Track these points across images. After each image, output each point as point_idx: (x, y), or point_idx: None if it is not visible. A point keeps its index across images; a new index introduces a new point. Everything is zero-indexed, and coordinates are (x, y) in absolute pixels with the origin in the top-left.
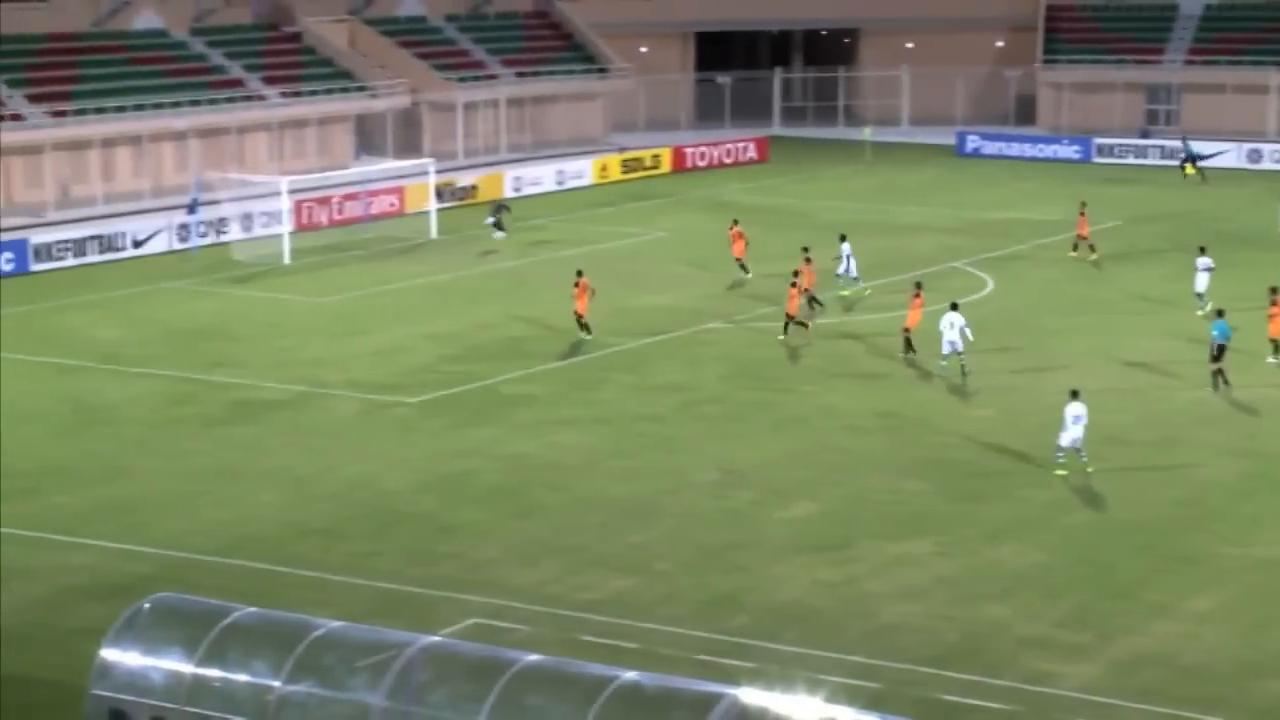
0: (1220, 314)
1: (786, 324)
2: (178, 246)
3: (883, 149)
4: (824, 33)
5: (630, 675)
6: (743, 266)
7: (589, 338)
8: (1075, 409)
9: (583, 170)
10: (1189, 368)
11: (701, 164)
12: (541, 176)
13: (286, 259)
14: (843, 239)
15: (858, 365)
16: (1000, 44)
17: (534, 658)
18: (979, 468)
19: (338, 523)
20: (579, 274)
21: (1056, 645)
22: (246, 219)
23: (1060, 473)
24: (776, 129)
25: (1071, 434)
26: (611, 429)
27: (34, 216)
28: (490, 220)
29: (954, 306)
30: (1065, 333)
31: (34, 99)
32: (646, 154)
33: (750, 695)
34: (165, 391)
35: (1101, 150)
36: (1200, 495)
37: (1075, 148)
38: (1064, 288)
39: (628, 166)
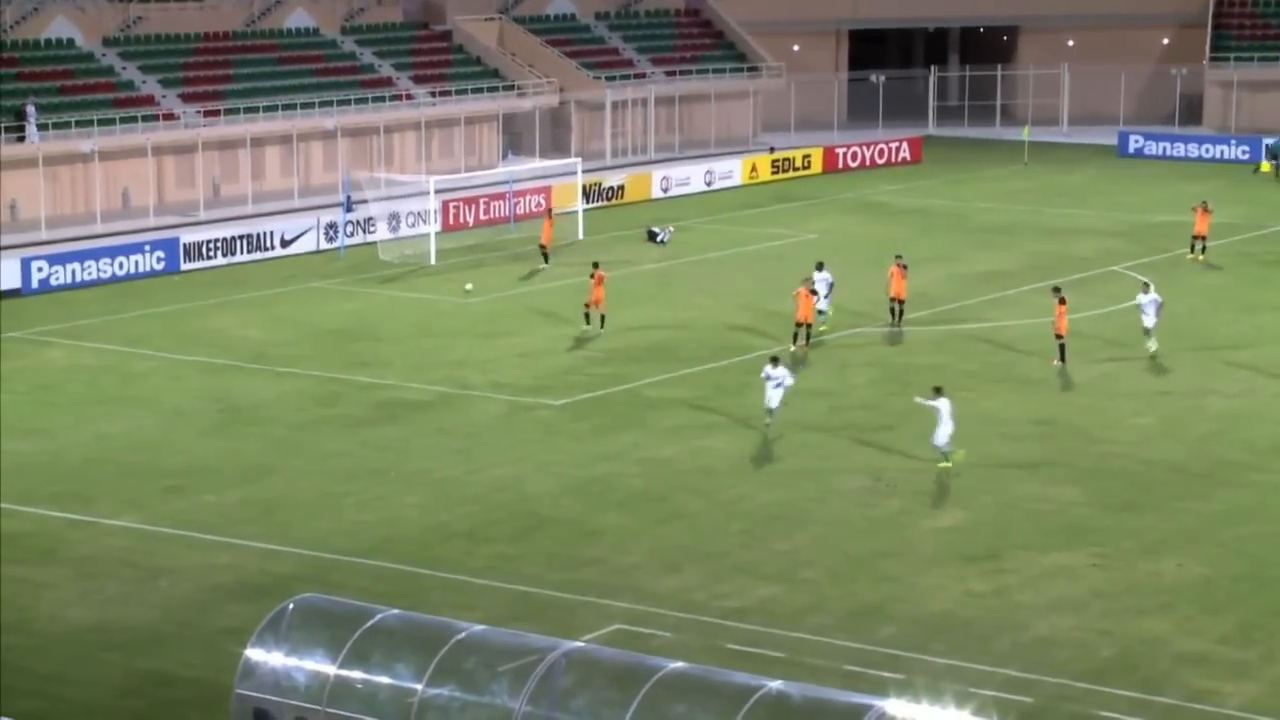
0: None
1: (796, 333)
2: (325, 246)
3: (1040, 149)
4: (981, 30)
5: (775, 684)
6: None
7: (600, 330)
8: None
9: (732, 170)
10: None
11: (853, 164)
12: (690, 176)
13: (433, 259)
14: (819, 267)
15: (1013, 370)
16: (1166, 41)
17: (677, 665)
18: (1138, 477)
19: (480, 525)
20: (595, 265)
21: (1218, 662)
22: (393, 218)
23: (944, 465)
24: (931, 129)
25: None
26: (757, 434)
27: (185, 216)
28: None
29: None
30: (1231, 338)
31: (187, 98)
32: (797, 154)
33: (898, 707)
34: (311, 391)
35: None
36: None
37: (1244, 148)
38: (1230, 292)
39: (777, 167)
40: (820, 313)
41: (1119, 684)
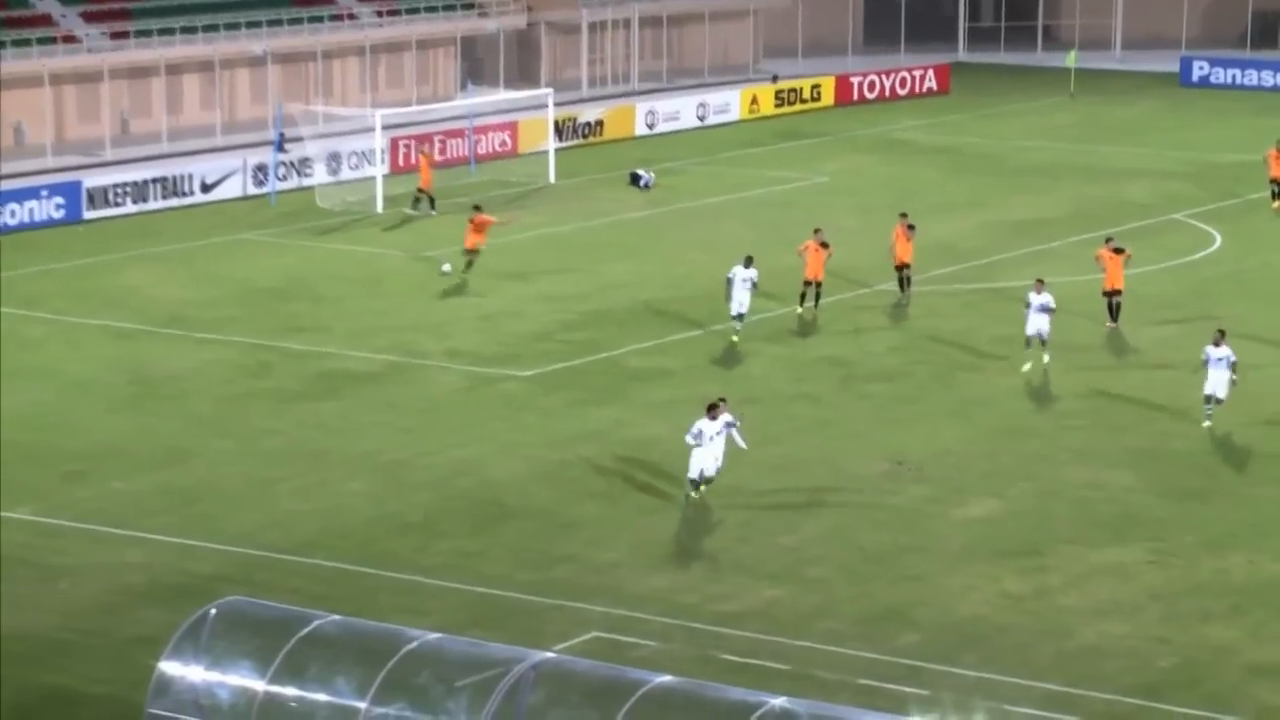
0: None
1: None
2: (253, 191)
3: (1089, 78)
4: None
5: (779, 702)
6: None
7: (464, 274)
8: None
9: (729, 103)
10: None
11: (870, 96)
12: (680, 110)
13: (379, 207)
14: (748, 263)
15: (1055, 335)
16: None
17: (664, 679)
18: (1203, 460)
19: (436, 517)
20: (476, 208)
21: None
22: (333, 159)
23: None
24: (961, 54)
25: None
26: (759, 410)
27: (88, 155)
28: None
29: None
30: None
31: (89, 18)
32: (805, 84)
33: None
34: (237, 361)
35: None
36: None
37: None
38: None
39: (782, 99)
40: (737, 318)
41: (1180, 700)
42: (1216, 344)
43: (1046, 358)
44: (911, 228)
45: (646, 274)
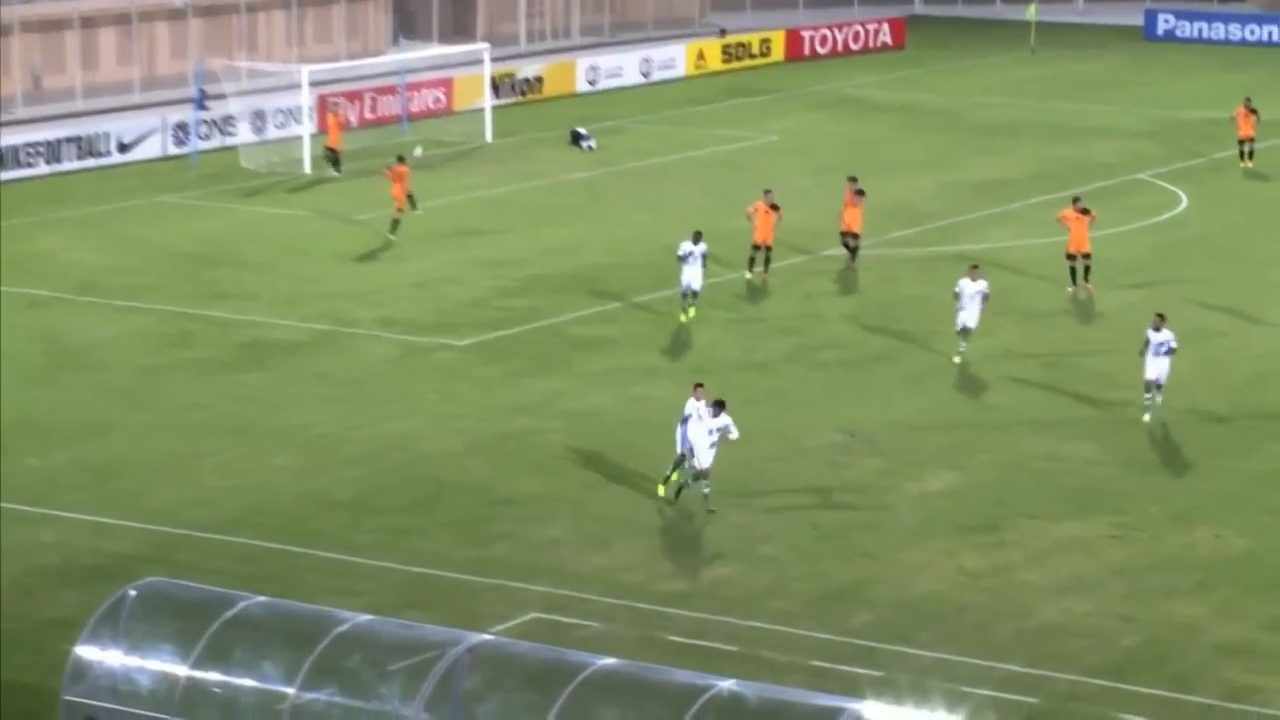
0: None
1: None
2: (174, 151)
3: (1051, 32)
4: None
5: (727, 684)
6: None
7: (392, 238)
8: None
9: (674, 59)
10: None
11: (823, 51)
12: (623, 66)
13: (307, 167)
14: (696, 239)
15: (1016, 301)
16: None
17: (607, 662)
18: (1168, 431)
19: (367, 493)
20: (399, 159)
21: (1263, 653)
22: (258, 118)
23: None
24: (917, 8)
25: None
26: (706, 381)
27: None
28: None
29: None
30: (1277, 262)
31: None
32: (754, 39)
33: (876, 710)
34: (157, 330)
35: None
36: None
37: None
38: (1277, 205)
39: (730, 54)
40: (689, 295)
41: (1144, 680)
42: (1156, 328)
43: (960, 352)
44: (860, 193)
45: (588, 238)
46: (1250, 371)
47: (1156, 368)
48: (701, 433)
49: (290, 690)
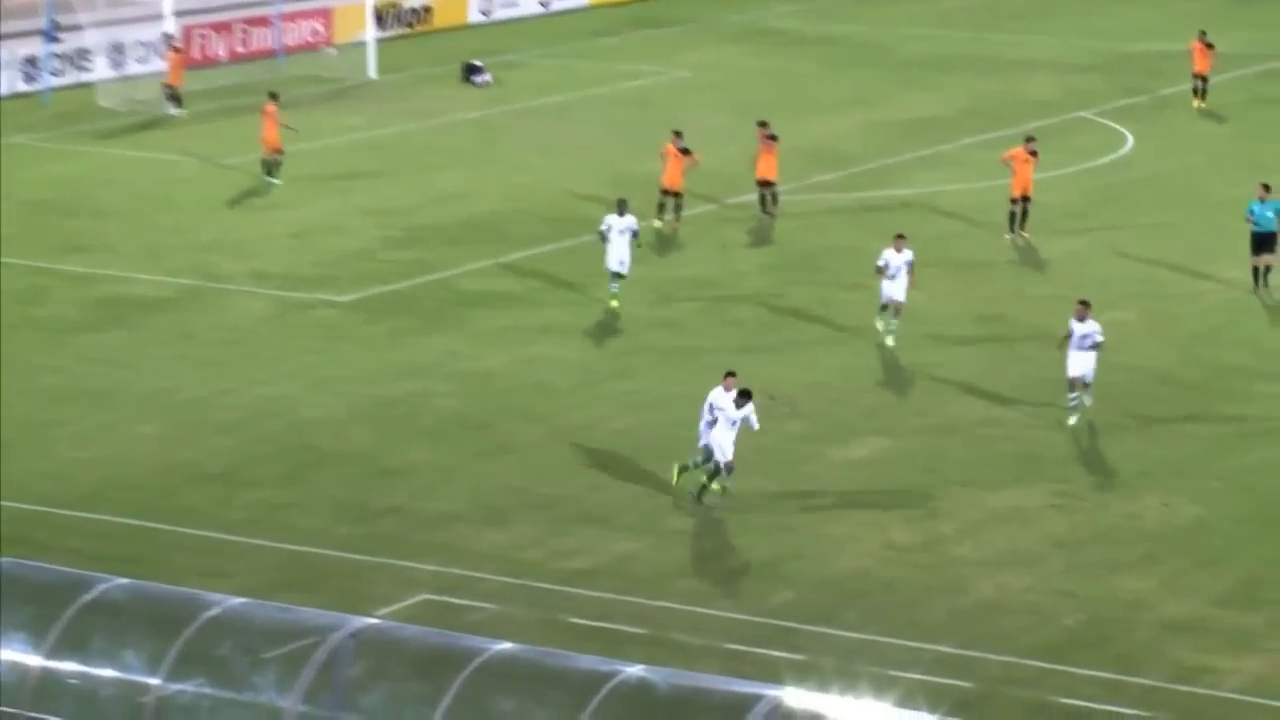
0: (1265, 187)
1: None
2: (23, 88)
3: None
4: None
5: (635, 670)
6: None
7: (277, 183)
8: None
9: None
10: None
11: None
12: None
13: (171, 107)
14: (621, 209)
15: (950, 251)
16: None
17: (504, 646)
18: (1112, 390)
19: (240, 464)
20: (272, 96)
21: (1214, 631)
22: (116, 51)
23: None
24: None
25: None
26: (612, 339)
27: None
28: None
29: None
30: (1233, 207)
31: None
32: None
33: (797, 697)
34: (7, 286)
35: None
36: None
37: None
38: (1234, 145)
39: None
40: (617, 278)
41: (1086, 661)
42: (1081, 318)
43: (890, 341)
44: (773, 138)
45: (482, 184)
46: (1202, 326)
47: (1081, 364)
48: (725, 428)
49: (155, 681)
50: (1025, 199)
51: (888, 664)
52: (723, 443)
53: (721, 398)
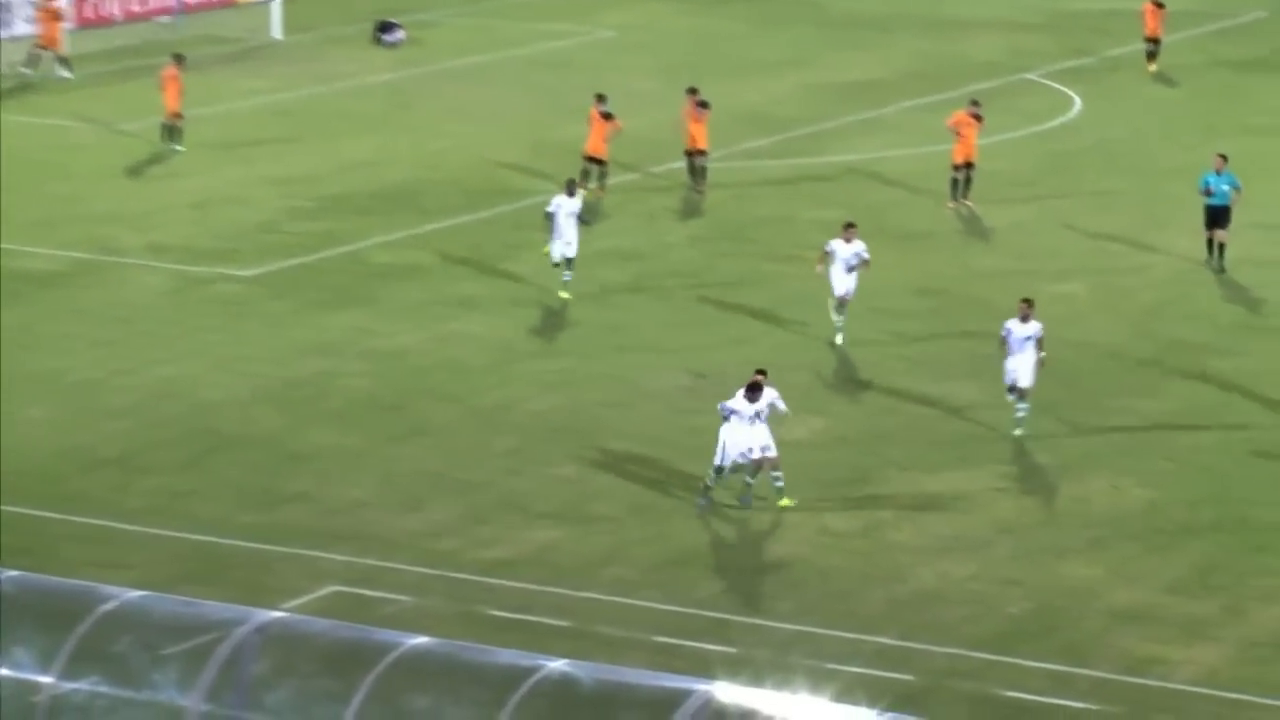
0: (1222, 158)
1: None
2: None
3: None
4: None
5: (557, 665)
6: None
7: (180, 149)
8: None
9: None
10: None
11: None
12: None
13: (61, 69)
14: (570, 189)
15: (889, 220)
16: None
17: (419, 641)
18: (1059, 368)
19: (137, 449)
20: (176, 58)
21: (1166, 620)
22: (5, 10)
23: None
24: None
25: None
26: (532, 315)
27: None
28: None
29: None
30: (1185, 174)
31: None
32: None
33: (729, 693)
34: None
35: None
36: None
37: None
38: (1186, 109)
39: None
40: (563, 265)
41: (1032, 651)
42: (1024, 318)
43: (840, 339)
44: (704, 105)
45: (395, 151)
46: (1152, 299)
47: (1020, 366)
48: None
49: (48, 679)
50: (968, 165)
51: (825, 657)
52: (755, 441)
53: (745, 406)
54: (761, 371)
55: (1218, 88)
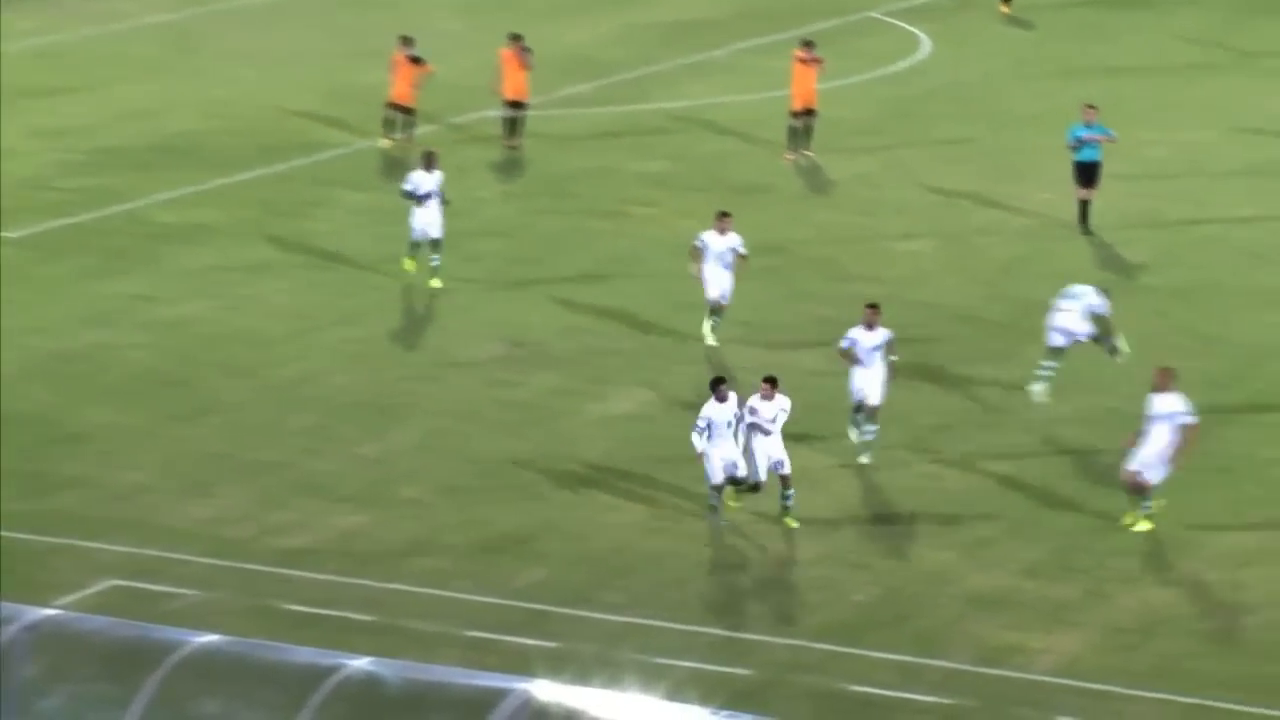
0: (1091, 108)
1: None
2: None
3: None
4: None
5: (361, 663)
6: None
7: None
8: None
9: None
10: (1239, 182)
11: None
12: None
13: None
14: (429, 162)
15: (723, 172)
16: None
17: (208, 639)
18: (908, 332)
19: None
20: None
21: (1025, 605)
22: None
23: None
24: None
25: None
26: (333, 279)
27: None
28: None
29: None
30: (1042, 122)
31: None
32: None
33: (550, 691)
34: None
35: None
36: (1248, 371)
37: None
38: (1040, 50)
39: None
40: (434, 247)
41: (881, 642)
42: (870, 325)
43: (712, 340)
44: (526, 50)
45: (177, 98)
46: (1007, 256)
47: (867, 382)
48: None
49: None
50: (808, 113)
51: (655, 651)
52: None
53: (718, 412)
54: (770, 380)
55: (1076, 26)
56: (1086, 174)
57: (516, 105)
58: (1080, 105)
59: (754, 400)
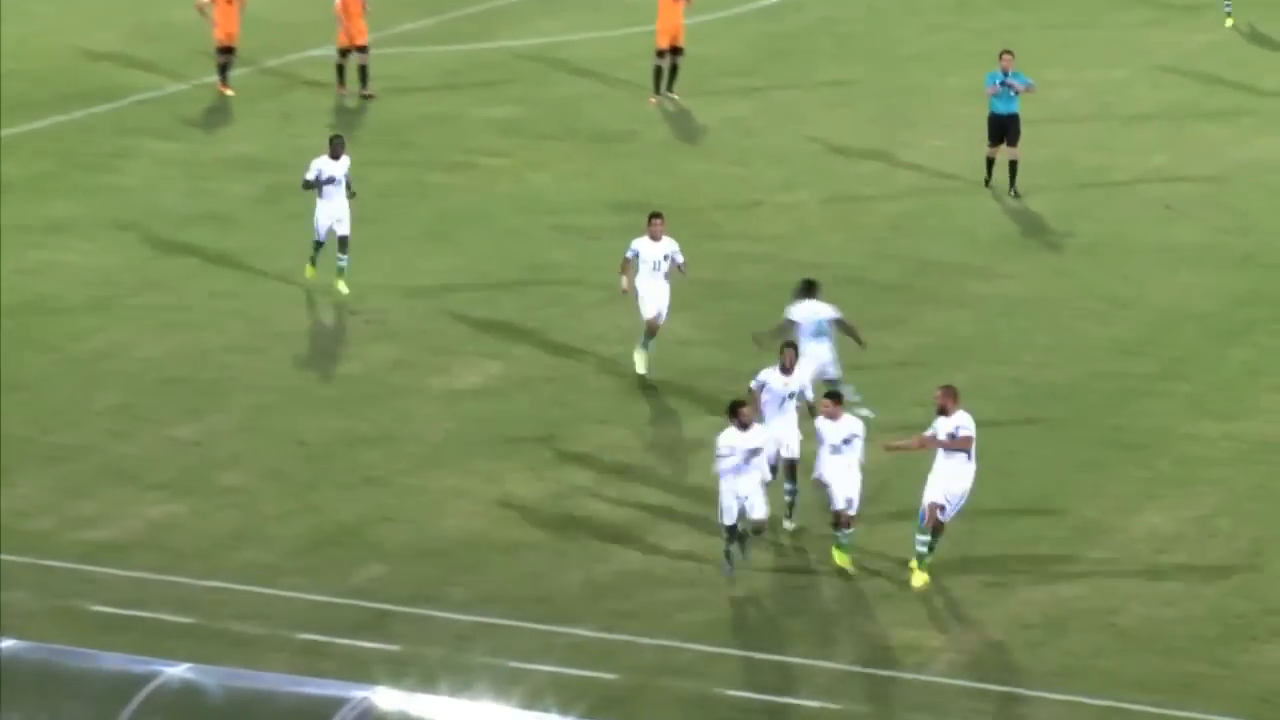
0: (1009, 54)
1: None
2: None
3: None
4: None
5: (177, 670)
6: None
7: None
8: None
9: None
10: (1153, 126)
11: None
12: None
13: None
14: (336, 146)
15: (579, 118)
16: None
17: (6, 644)
18: (786, 295)
19: None
20: None
21: (919, 599)
22: None
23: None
24: None
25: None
26: (140, 240)
27: None
28: None
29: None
30: (935, 60)
31: None
32: None
33: (391, 699)
34: None
35: None
36: (1162, 336)
37: None
38: None
39: None
40: (342, 246)
41: (759, 644)
42: (787, 369)
43: (643, 369)
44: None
45: None
46: (896, 211)
47: (789, 435)
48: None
49: None
50: (675, 51)
51: (510, 653)
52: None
53: (740, 439)
54: (833, 396)
55: None
56: (1002, 128)
57: (356, 50)
58: (996, 52)
59: (818, 422)
